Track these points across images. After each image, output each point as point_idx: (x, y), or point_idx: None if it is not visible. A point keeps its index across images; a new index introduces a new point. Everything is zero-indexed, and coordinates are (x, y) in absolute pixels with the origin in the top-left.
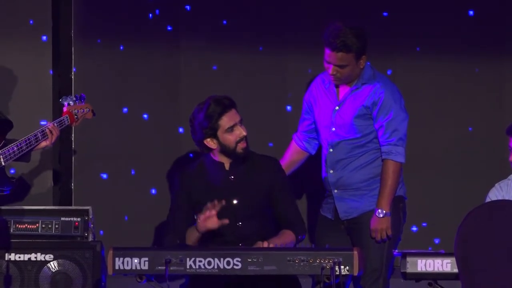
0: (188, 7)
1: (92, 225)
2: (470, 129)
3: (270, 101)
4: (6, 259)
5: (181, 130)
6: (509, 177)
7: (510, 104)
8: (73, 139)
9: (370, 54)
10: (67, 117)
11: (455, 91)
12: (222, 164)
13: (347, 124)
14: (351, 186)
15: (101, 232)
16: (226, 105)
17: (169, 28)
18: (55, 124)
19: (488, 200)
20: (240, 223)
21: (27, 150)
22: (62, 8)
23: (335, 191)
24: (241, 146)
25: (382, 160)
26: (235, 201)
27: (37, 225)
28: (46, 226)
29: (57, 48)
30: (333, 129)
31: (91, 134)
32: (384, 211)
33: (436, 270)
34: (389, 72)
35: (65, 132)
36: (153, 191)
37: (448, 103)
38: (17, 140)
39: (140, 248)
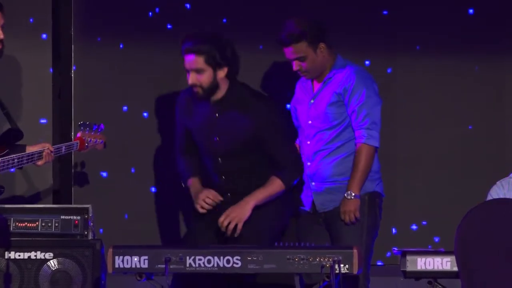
0: (188, 6)
1: (92, 224)
2: (470, 127)
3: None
4: (6, 257)
5: None
6: (510, 175)
7: (510, 103)
8: (72, 137)
9: (369, 52)
10: (77, 143)
11: (455, 90)
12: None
13: (322, 114)
14: (328, 179)
15: (101, 230)
16: (184, 49)
17: (169, 26)
18: (63, 149)
19: (489, 197)
20: (220, 160)
21: (22, 165)
22: (62, 6)
23: (312, 183)
24: (194, 89)
25: (356, 144)
26: (216, 138)
27: (37, 223)
28: (46, 224)
29: (57, 46)
30: (310, 122)
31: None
32: (353, 193)
33: (436, 268)
34: (389, 71)
35: (65, 130)
36: (153, 189)
37: (448, 101)
38: (19, 153)
39: (139, 246)
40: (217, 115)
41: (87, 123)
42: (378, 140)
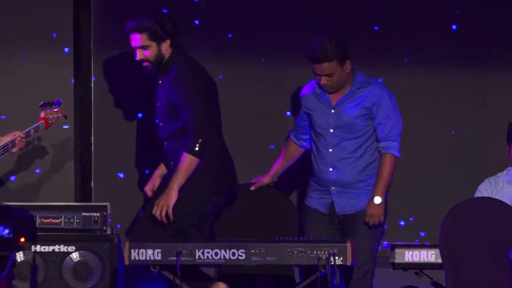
0: (197, 22)
1: (110, 220)
2: (453, 132)
3: (271, 107)
4: (32, 250)
5: None
6: (497, 174)
7: (491, 110)
8: (92, 141)
9: (363, 64)
10: (42, 123)
11: (439, 98)
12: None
13: (347, 125)
14: (351, 185)
15: (118, 226)
16: (128, 28)
17: (180, 40)
18: (32, 131)
19: (478, 192)
20: (161, 124)
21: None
22: (82, 22)
23: (333, 188)
24: (144, 64)
25: (380, 153)
26: (158, 104)
27: (60, 219)
28: (69, 220)
29: (78, 59)
30: (331, 130)
31: (109, 137)
32: (380, 199)
33: (422, 260)
34: (379, 81)
35: (85, 135)
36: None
37: (433, 108)
38: None
39: (153, 240)
40: (160, 82)
41: (47, 102)
42: (399, 151)
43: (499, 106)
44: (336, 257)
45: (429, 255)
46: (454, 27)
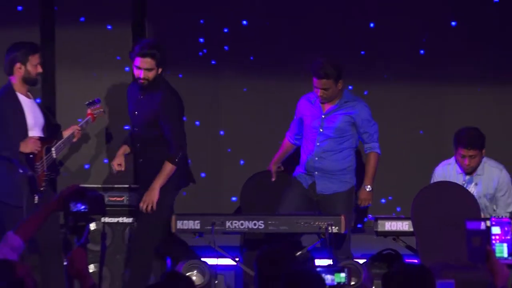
0: (226, 48)
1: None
2: (421, 132)
3: (284, 111)
4: (102, 221)
5: (221, 132)
6: (449, 161)
7: (448, 115)
8: None
9: (353, 80)
10: (89, 118)
11: (410, 105)
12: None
13: (334, 127)
14: (330, 172)
15: None
16: (141, 53)
17: (213, 62)
18: (84, 125)
19: (434, 175)
20: (136, 129)
21: (66, 146)
22: None
23: (316, 173)
24: (139, 81)
25: (367, 153)
26: (136, 112)
27: (123, 197)
28: (129, 198)
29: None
30: (321, 130)
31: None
32: (370, 187)
33: (398, 229)
34: (365, 93)
35: None
36: (203, 175)
37: (405, 113)
38: (62, 139)
39: (194, 214)
40: (141, 96)
41: (91, 101)
42: (380, 149)
43: (452, 112)
44: (333, 227)
45: (404, 225)
46: (422, 52)
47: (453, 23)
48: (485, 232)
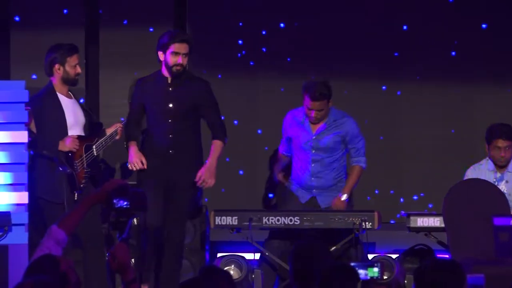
0: (264, 49)
1: (200, 195)
2: (452, 131)
3: None
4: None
5: (259, 131)
6: (481, 162)
7: (478, 114)
8: None
9: (386, 81)
10: None
11: (443, 105)
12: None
13: (325, 148)
14: (329, 187)
15: (206, 199)
16: (179, 38)
17: (251, 63)
18: (125, 121)
19: (465, 176)
20: (170, 121)
21: (108, 143)
22: None
23: (314, 190)
24: (176, 68)
25: (352, 165)
26: (170, 105)
27: None
28: None
29: None
30: (313, 151)
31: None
32: (345, 196)
33: (430, 225)
34: (398, 93)
35: None
36: (241, 172)
37: (438, 112)
38: (104, 137)
39: (231, 210)
40: (170, 89)
41: None
42: (366, 163)
43: (483, 112)
44: (366, 223)
45: (435, 221)
46: (453, 53)
47: (484, 25)
48: None
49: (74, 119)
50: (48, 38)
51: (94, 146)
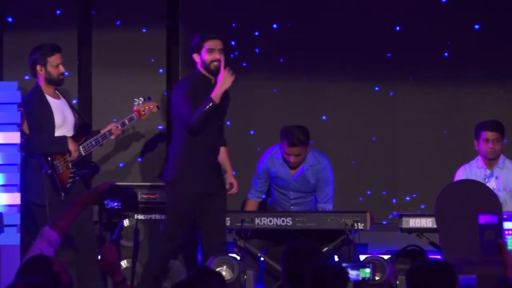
0: (257, 50)
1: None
2: (445, 132)
3: (312, 111)
4: (135, 218)
5: (252, 132)
6: (470, 162)
7: (471, 115)
8: None
9: (379, 82)
10: (136, 114)
11: (434, 105)
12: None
13: (304, 190)
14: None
15: None
16: (215, 36)
17: (244, 64)
18: (126, 121)
19: (456, 177)
20: (220, 123)
21: (100, 143)
22: (172, 50)
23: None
24: (214, 64)
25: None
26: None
27: (156, 195)
28: (162, 196)
29: (170, 77)
30: (291, 193)
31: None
32: None
33: (422, 226)
34: (391, 94)
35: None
36: (234, 173)
37: (430, 114)
38: (95, 136)
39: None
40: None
41: (140, 98)
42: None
43: (475, 113)
44: (359, 223)
45: (428, 222)
46: (446, 54)
47: (477, 27)
48: (498, 226)
49: (62, 119)
50: (41, 39)
51: (81, 147)
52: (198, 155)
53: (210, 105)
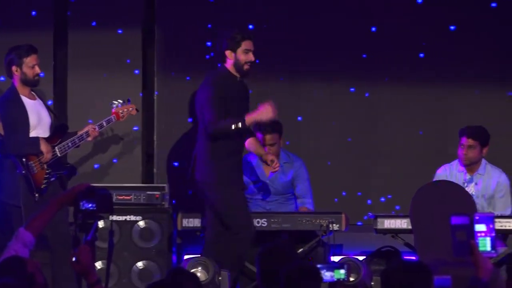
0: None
1: (167, 197)
2: (420, 132)
3: (283, 110)
4: (110, 219)
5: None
6: (452, 163)
7: (449, 115)
8: (155, 139)
9: (354, 83)
10: (114, 117)
11: (412, 107)
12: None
13: (280, 189)
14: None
15: (173, 201)
16: (250, 35)
17: (219, 65)
18: (104, 123)
19: (436, 176)
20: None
21: (77, 144)
22: (148, 51)
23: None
24: (247, 66)
25: (300, 206)
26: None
27: (131, 196)
28: (137, 197)
29: (145, 78)
30: (267, 198)
31: (167, 135)
32: None
33: (397, 227)
34: (366, 94)
35: (150, 134)
36: None
37: (405, 115)
38: (71, 137)
39: (199, 212)
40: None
41: (119, 101)
42: (313, 204)
43: (450, 114)
44: (334, 224)
45: (402, 223)
46: (421, 55)
47: (452, 27)
48: (470, 227)
49: (38, 120)
50: (16, 40)
51: (56, 148)
52: (232, 152)
53: (239, 126)
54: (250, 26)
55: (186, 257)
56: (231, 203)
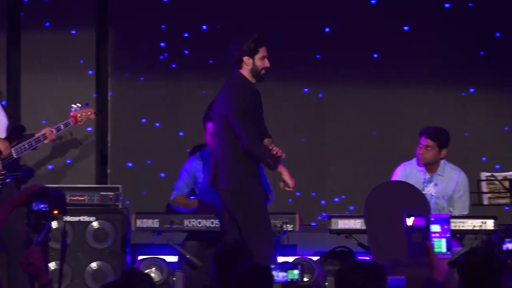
0: (186, 52)
1: (121, 198)
2: (374, 133)
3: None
4: (63, 220)
5: (181, 133)
6: (411, 161)
7: (401, 115)
8: (109, 139)
9: (308, 83)
10: (72, 120)
11: (365, 107)
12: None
13: None
14: None
15: (127, 202)
16: (265, 40)
17: (173, 65)
18: (61, 126)
19: (395, 174)
20: (262, 129)
21: (34, 146)
22: (102, 51)
23: None
24: (264, 72)
25: None
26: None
27: (85, 197)
28: (90, 198)
29: (99, 79)
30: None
31: (121, 136)
32: None
33: (351, 227)
34: (320, 95)
35: (104, 135)
36: (162, 174)
37: (359, 116)
38: (28, 140)
39: (153, 212)
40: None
41: (77, 104)
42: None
43: (404, 114)
44: (288, 225)
45: (356, 223)
46: (375, 55)
47: (406, 28)
48: (425, 228)
49: None
50: None
51: (12, 149)
52: (253, 158)
53: (269, 164)
54: (204, 27)
55: (140, 257)
56: (255, 213)
